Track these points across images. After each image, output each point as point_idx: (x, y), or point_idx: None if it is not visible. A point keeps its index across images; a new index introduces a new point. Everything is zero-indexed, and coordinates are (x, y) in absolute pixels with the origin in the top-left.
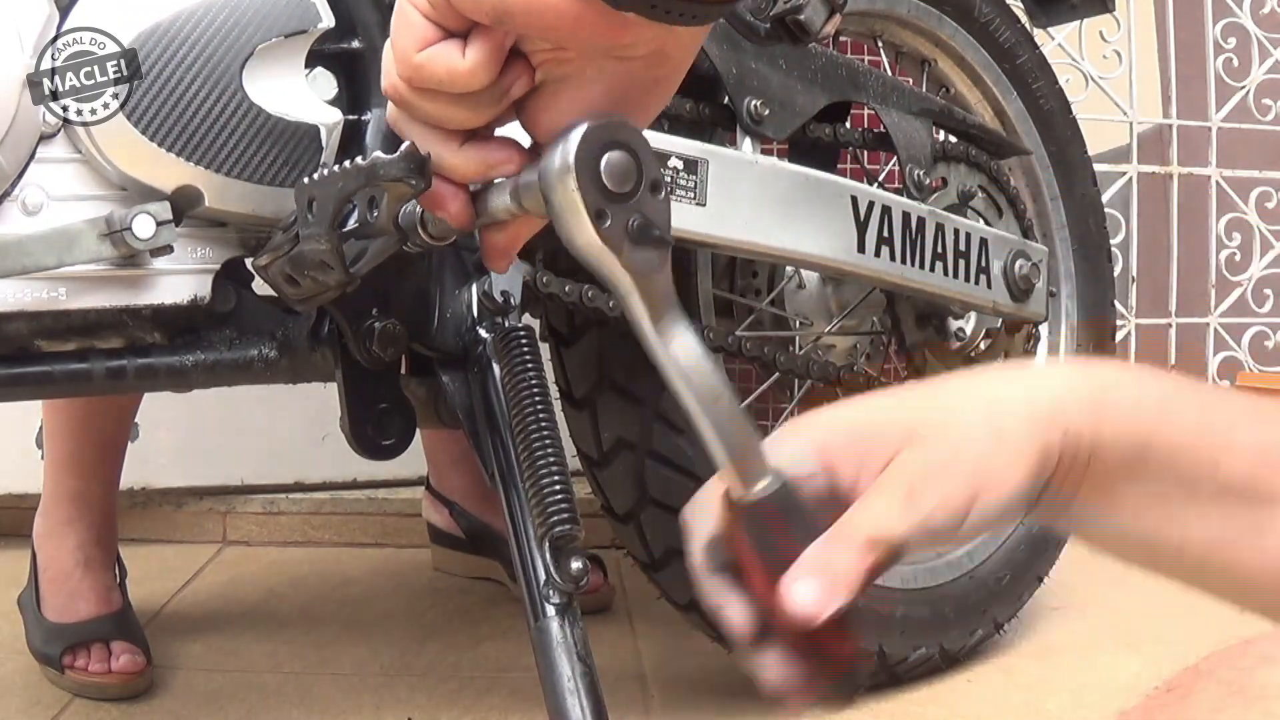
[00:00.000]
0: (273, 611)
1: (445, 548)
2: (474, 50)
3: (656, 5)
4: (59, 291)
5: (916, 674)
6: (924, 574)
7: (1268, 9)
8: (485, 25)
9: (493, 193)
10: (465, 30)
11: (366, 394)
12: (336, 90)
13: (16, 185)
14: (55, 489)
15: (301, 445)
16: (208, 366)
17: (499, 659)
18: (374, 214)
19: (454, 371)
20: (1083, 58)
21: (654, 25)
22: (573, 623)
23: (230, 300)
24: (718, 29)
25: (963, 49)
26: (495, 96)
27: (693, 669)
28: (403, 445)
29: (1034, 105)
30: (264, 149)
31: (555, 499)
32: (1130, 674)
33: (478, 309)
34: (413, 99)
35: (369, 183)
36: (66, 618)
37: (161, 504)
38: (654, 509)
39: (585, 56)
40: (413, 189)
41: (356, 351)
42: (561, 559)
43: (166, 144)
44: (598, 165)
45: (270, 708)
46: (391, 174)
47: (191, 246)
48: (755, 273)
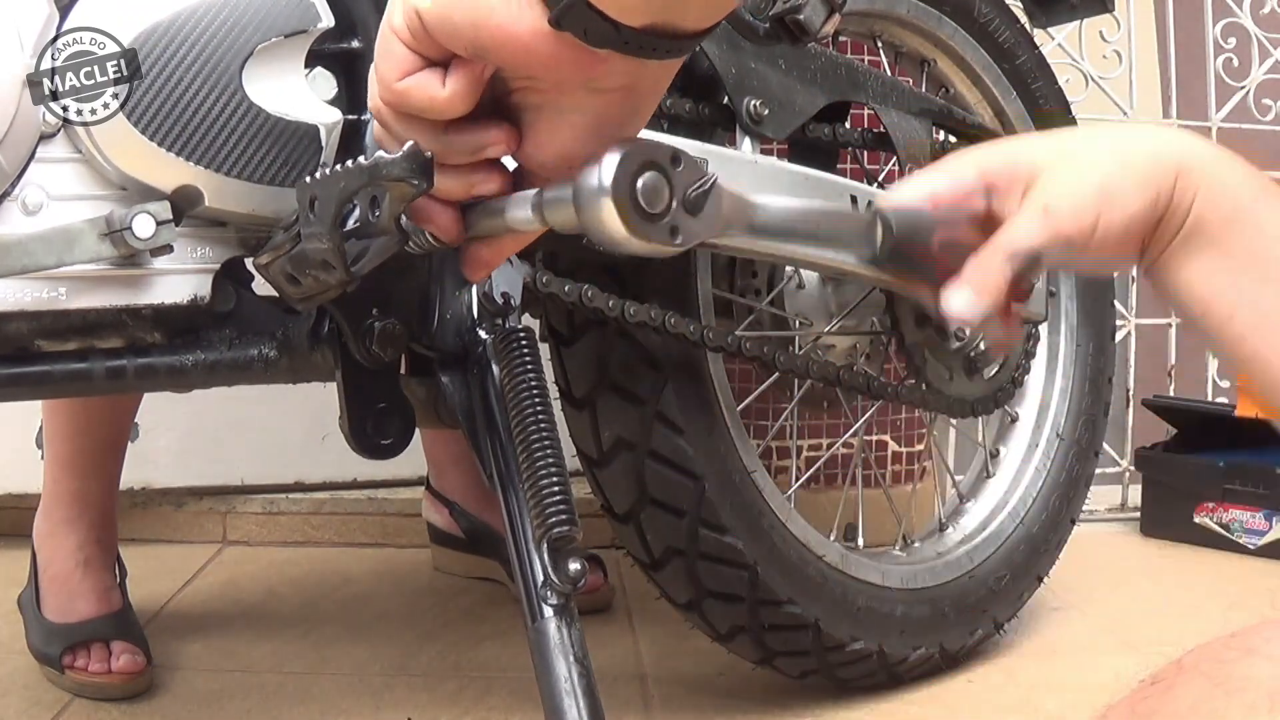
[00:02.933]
0: (273, 611)
1: (445, 548)
2: (453, 80)
3: (630, 41)
4: (59, 291)
5: (916, 674)
6: (924, 574)
7: (1268, 9)
8: (464, 57)
9: (506, 206)
10: (446, 60)
11: (366, 394)
12: (336, 90)
13: (16, 185)
14: (55, 489)
15: (301, 445)
16: (207, 366)
17: (499, 659)
18: (376, 214)
19: (454, 372)
20: (1083, 58)
21: (627, 60)
22: (570, 624)
23: (230, 300)
24: (718, 29)
25: (962, 49)
26: (471, 148)
27: (693, 669)
28: (401, 445)
29: (1034, 105)
30: (264, 149)
31: (553, 500)
32: (1130, 674)
33: (478, 310)
34: (394, 122)
35: (371, 182)
36: (66, 618)
37: (161, 504)
38: (654, 508)
39: (560, 89)
40: (415, 189)
41: (356, 351)
42: (559, 560)
43: (166, 144)
44: (634, 187)
45: (270, 708)
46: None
47: (191, 246)
48: (755, 273)
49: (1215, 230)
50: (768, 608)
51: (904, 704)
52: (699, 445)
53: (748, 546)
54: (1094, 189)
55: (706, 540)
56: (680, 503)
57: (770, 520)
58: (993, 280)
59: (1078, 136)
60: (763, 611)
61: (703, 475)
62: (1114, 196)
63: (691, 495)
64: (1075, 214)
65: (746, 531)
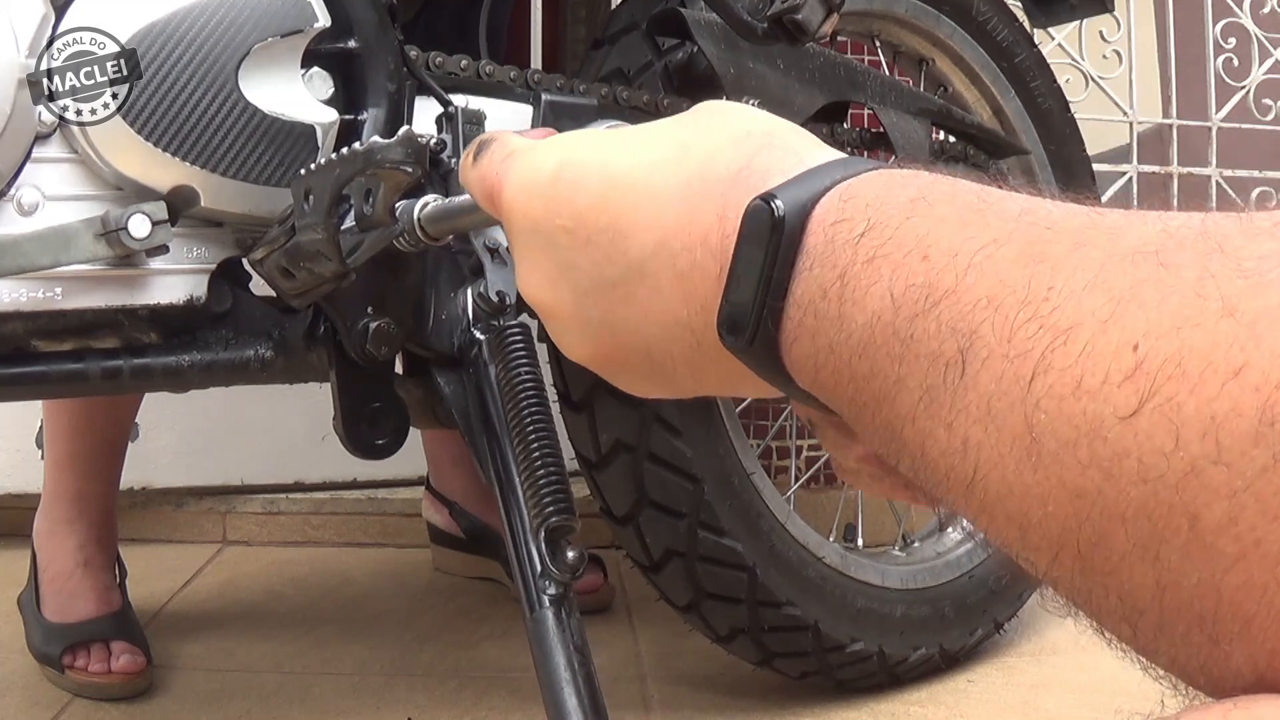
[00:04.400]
0: (273, 611)
1: (445, 548)
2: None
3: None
4: (55, 291)
5: (916, 674)
6: (924, 574)
7: (1268, 9)
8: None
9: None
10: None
11: (361, 394)
12: (333, 90)
13: (12, 185)
14: (55, 489)
15: (301, 445)
16: (204, 367)
17: (499, 659)
18: (370, 205)
19: (449, 373)
20: (1083, 58)
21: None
22: (569, 613)
23: (226, 300)
24: (717, 29)
25: (961, 48)
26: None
27: (693, 669)
28: (395, 445)
29: (1032, 104)
30: (260, 149)
31: (550, 490)
32: (1130, 674)
33: (473, 310)
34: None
35: (366, 167)
36: (66, 618)
37: (161, 504)
38: (652, 510)
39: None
40: (409, 176)
41: (351, 351)
42: (557, 549)
43: (162, 144)
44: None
45: (270, 708)
46: (390, 158)
47: (187, 246)
48: None
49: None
50: (767, 609)
51: (904, 704)
52: (698, 447)
53: (747, 548)
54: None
55: (705, 542)
56: (679, 505)
57: (769, 522)
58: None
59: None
60: (762, 613)
61: (701, 477)
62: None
63: (690, 497)
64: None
65: (745, 533)
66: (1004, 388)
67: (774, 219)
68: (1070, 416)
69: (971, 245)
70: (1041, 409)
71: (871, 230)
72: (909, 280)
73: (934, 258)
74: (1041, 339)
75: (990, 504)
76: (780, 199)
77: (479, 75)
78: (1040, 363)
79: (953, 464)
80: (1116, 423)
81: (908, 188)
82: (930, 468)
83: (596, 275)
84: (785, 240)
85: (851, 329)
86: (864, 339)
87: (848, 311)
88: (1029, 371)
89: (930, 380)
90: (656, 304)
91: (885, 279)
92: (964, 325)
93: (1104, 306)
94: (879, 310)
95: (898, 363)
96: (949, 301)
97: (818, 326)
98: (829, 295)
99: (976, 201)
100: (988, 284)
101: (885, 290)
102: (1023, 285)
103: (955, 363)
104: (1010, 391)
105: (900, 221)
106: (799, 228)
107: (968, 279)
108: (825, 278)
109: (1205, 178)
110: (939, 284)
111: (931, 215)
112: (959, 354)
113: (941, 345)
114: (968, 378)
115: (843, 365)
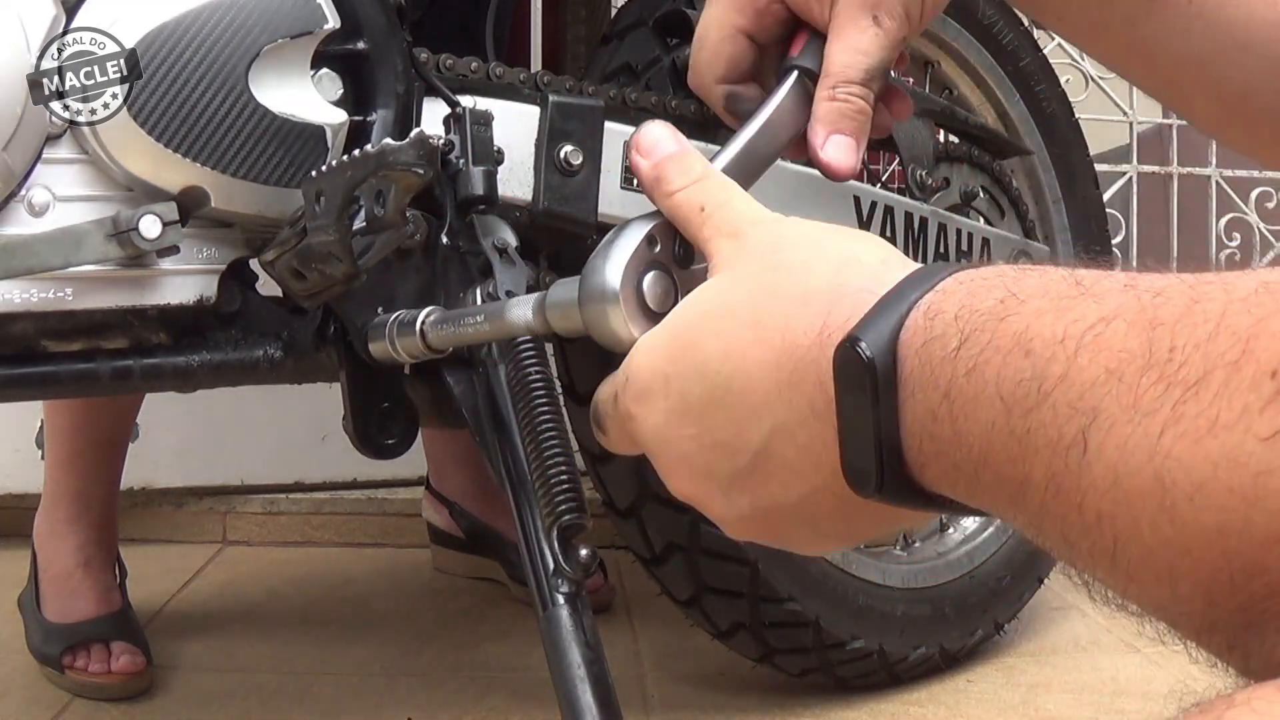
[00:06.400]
0: (273, 611)
1: (445, 548)
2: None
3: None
4: (65, 292)
5: (916, 674)
6: (924, 574)
7: None
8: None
9: (507, 309)
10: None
11: (370, 394)
12: (342, 91)
13: (23, 186)
14: (55, 489)
15: (301, 445)
16: (213, 367)
17: (499, 659)
18: (381, 207)
19: (459, 372)
20: (1083, 58)
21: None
22: (582, 611)
23: (236, 301)
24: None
25: (966, 51)
26: None
27: (693, 668)
28: (405, 445)
29: (1037, 108)
30: (270, 150)
31: (562, 489)
32: (1130, 674)
33: None
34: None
35: (378, 169)
36: (66, 618)
37: (161, 504)
38: (655, 504)
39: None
40: (421, 178)
41: (361, 351)
42: (569, 548)
43: (173, 145)
44: (640, 289)
45: (270, 708)
46: (401, 160)
47: (197, 247)
48: None
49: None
50: (768, 604)
51: (904, 704)
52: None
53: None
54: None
55: (708, 536)
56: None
57: None
58: (856, 117)
59: None
60: (763, 608)
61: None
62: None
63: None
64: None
65: None
66: (1130, 450)
67: (863, 361)
68: (1206, 454)
69: (1078, 328)
70: (1173, 457)
71: (967, 342)
72: (1016, 379)
73: (1038, 349)
74: (1171, 394)
75: (1136, 570)
76: (864, 340)
77: (489, 77)
78: (1170, 415)
79: (1093, 543)
80: (1258, 444)
81: (994, 289)
82: (1077, 555)
83: (731, 469)
84: (881, 379)
85: (970, 443)
86: (983, 450)
87: (962, 428)
88: (1158, 428)
89: (1053, 468)
90: (793, 479)
91: (991, 385)
92: (1084, 404)
93: (1233, 349)
94: (991, 418)
95: (1019, 463)
96: (1062, 388)
97: (937, 449)
98: (939, 417)
99: (1071, 288)
100: (1105, 359)
101: (994, 396)
102: (1143, 352)
103: (1077, 443)
104: (1137, 452)
105: (995, 325)
106: (890, 361)
107: (1079, 360)
108: (931, 400)
109: (1205, 178)
110: (1049, 373)
111: (1025, 311)
112: (1080, 433)
113: (1061, 430)
114: (1090, 453)
115: (972, 479)
